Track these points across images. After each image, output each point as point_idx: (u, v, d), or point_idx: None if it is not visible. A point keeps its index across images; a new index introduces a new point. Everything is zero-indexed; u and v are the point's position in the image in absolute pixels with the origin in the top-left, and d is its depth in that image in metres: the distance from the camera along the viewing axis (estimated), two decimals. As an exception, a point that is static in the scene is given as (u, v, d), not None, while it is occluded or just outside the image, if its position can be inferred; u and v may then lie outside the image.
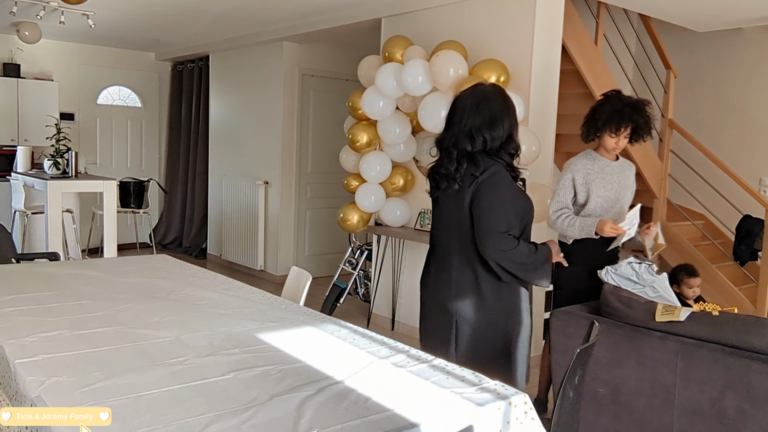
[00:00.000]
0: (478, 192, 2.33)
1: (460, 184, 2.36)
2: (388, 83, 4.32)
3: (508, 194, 2.35)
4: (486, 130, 2.33)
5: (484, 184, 2.33)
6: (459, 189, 2.37)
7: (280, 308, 2.53)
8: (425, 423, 1.53)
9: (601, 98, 3.25)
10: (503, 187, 2.34)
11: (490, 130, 2.33)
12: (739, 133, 5.74)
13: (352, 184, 4.90)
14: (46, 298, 2.53)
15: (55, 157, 5.71)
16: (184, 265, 3.35)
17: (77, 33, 6.71)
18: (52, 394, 1.60)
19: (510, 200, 2.35)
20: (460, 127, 2.37)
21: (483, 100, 2.37)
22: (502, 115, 2.35)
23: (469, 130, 2.34)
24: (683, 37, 5.79)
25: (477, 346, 2.42)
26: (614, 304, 2.79)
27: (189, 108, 7.99)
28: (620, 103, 3.11)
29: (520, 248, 2.31)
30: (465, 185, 2.36)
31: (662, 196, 5.41)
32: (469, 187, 2.34)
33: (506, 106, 2.38)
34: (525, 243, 2.35)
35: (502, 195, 2.33)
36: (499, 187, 2.33)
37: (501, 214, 2.31)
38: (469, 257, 2.39)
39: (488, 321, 2.40)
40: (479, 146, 2.34)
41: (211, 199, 7.63)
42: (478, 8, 4.36)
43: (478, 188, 2.33)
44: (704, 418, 2.44)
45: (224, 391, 1.67)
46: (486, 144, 2.34)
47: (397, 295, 5.04)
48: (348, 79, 6.54)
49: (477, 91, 2.42)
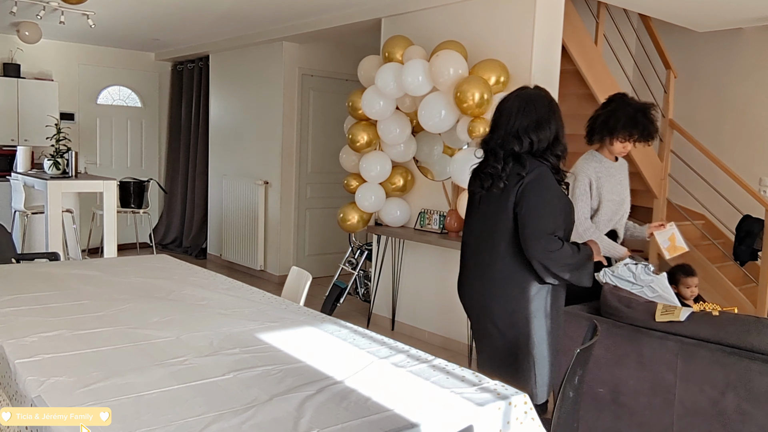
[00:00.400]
0: (524, 193, 2.35)
1: (506, 182, 2.39)
2: (388, 83, 4.32)
3: (554, 196, 2.38)
4: (533, 131, 2.37)
5: (530, 185, 2.35)
6: (504, 188, 2.39)
7: (280, 308, 2.53)
8: (425, 423, 1.53)
9: (608, 102, 3.20)
10: (549, 189, 2.37)
11: (537, 132, 2.37)
12: (739, 133, 5.74)
13: (352, 184, 4.90)
14: (46, 298, 2.53)
15: (55, 157, 5.71)
16: (184, 265, 3.35)
17: (77, 33, 6.71)
18: (52, 394, 1.60)
19: (556, 202, 2.38)
20: (506, 129, 2.41)
21: (529, 102, 2.41)
22: (549, 117, 2.40)
23: (516, 131, 2.38)
24: (683, 37, 5.79)
25: (496, 346, 2.45)
26: (614, 304, 2.79)
27: (189, 108, 7.99)
28: (631, 108, 3.07)
29: (565, 249, 2.34)
30: (510, 185, 2.38)
31: (662, 196, 5.41)
32: (515, 187, 2.37)
33: (552, 108, 2.43)
34: (569, 244, 2.38)
35: (549, 197, 2.36)
36: (545, 189, 2.36)
37: (548, 215, 2.33)
38: (503, 256, 2.40)
39: (511, 322, 2.41)
40: (526, 147, 2.38)
41: (211, 199, 7.63)
42: (478, 8, 4.36)
43: (523, 189, 2.35)
44: (704, 418, 2.44)
45: (224, 391, 1.67)
46: (533, 145, 2.38)
47: (397, 295, 5.04)
48: (348, 79, 6.54)
49: (523, 93, 2.46)
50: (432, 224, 4.68)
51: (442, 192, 4.66)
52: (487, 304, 2.45)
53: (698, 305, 2.75)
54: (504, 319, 2.42)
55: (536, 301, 2.39)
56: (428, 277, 4.79)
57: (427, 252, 4.78)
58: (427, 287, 4.81)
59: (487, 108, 3.88)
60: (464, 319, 4.48)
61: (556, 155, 2.41)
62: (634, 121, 3.05)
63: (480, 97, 3.83)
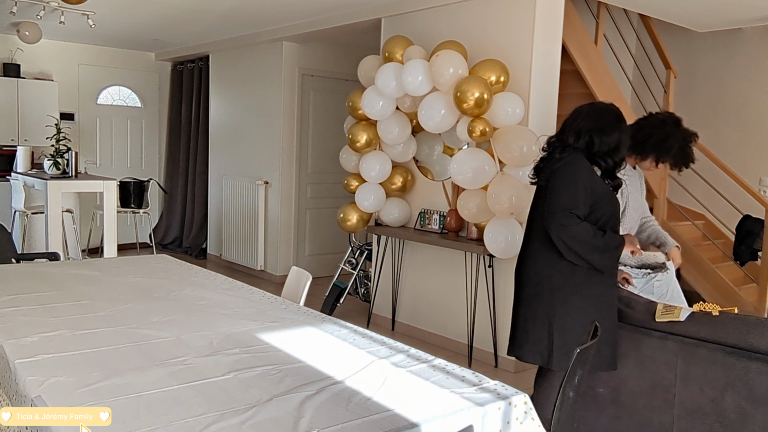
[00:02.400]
0: (551, 175, 2.54)
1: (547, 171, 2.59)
2: (388, 83, 4.32)
3: (579, 181, 2.48)
4: (596, 133, 2.54)
5: (559, 169, 2.52)
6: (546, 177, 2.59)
7: (280, 308, 2.53)
8: (425, 423, 1.53)
9: (662, 123, 3.05)
10: (577, 172, 2.50)
11: (599, 135, 2.54)
12: (739, 133, 5.74)
13: (352, 184, 4.90)
14: (46, 298, 2.53)
15: (55, 157, 5.71)
16: (184, 265, 3.35)
17: (77, 33, 6.71)
18: (52, 394, 1.60)
19: (581, 184, 2.48)
20: (570, 126, 2.59)
21: (599, 110, 2.61)
22: (614, 127, 2.56)
23: (579, 128, 2.56)
24: (683, 37, 5.79)
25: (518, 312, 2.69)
26: (614, 304, 2.79)
27: (189, 108, 7.98)
28: (684, 139, 2.99)
29: (583, 225, 2.44)
30: (548, 172, 2.58)
31: (662, 196, 5.41)
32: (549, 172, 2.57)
33: (620, 121, 2.58)
34: (590, 224, 2.46)
35: (573, 177, 2.49)
36: (570, 173, 2.50)
37: (568, 192, 2.47)
38: (535, 236, 2.63)
39: (535, 292, 2.61)
40: (582, 144, 2.54)
41: (211, 199, 7.63)
42: (478, 8, 4.36)
43: (553, 172, 2.54)
44: (704, 418, 2.44)
45: (224, 391, 1.67)
46: (592, 145, 2.53)
47: (397, 295, 5.04)
48: (348, 79, 6.54)
49: (596, 104, 2.69)
50: (432, 224, 4.68)
51: (442, 192, 4.66)
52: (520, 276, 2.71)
53: (698, 305, 2.74)
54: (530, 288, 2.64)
55: (558, 277, 2.55)
56: (428, 277, 4.79)
57: (427, 252, 4.78)
58: (427, 287, 4.81)
59: (486, 108, 3.88)
60: (464, 319, 4.48)
61: (614, 161, 2.56)
62: (684, 154, 3.02)
63: (480, 97, 3.83)
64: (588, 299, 2.56)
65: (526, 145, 3.83)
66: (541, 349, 2.58)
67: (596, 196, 2.52)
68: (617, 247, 2.51)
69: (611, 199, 2.59)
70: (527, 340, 2.63)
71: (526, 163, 3.86)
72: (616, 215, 2.62)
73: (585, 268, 2.52)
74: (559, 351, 2.54)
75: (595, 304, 2.56)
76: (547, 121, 4.22)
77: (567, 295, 2.54)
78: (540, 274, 2.60)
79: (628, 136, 2.62)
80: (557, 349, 2.54)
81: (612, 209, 2.58)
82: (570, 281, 2.55)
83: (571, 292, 2.54)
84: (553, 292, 2.56)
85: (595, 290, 2.57)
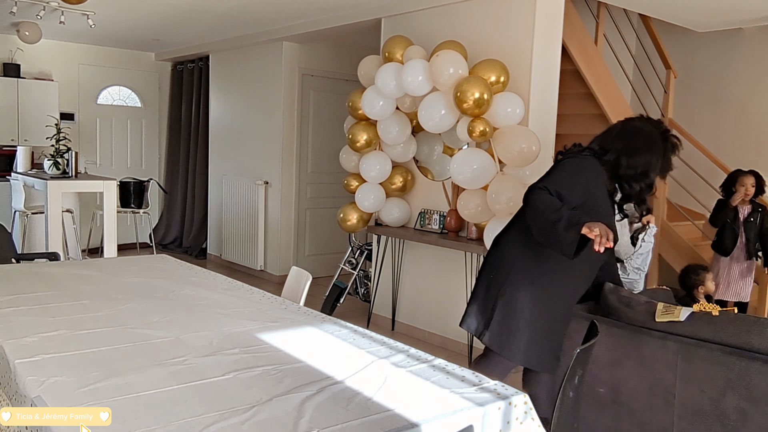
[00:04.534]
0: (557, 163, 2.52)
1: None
2: (388, 83, 4.32)
3: (575, 172, 2.42)
4: (624, 154, 2.47)
5: (567, 159, 2.47)
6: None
7: (280, 308, 2.53)
8: (425, 423, 1.53)
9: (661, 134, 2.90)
10: (585, 170, 2.43)
11: (627, 156, 2.46)
12: (739, 132, 5.74)
13: (352, 184, 4.90)
14: (46, 298, 2.53)
15: (55, 157, 5.71)
16: (184, 265, 3.35)
17: (77, 33, 6.71)
18: (52, 394, 1.60)
19: (574, 177, 2.40)
20: (600, 141, 2.53)
21: (632, 130, 2.53)
22: (646, 149, 2.48)
23: (606, 145, 2.49)
24: (683, 37, 5.79)
25: (476, 286, 2.72)
26: (614, 304, 2.79)
27: (189, 108, 7.98)
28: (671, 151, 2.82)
29: (544, 197, 2.29)
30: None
31: (662, 196, 5.41)
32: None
33: (652, 144, 2.50)
34: (555, 199, 2.28)
35: (569, 169, 2.43)
36: (579, 166, 2.44)
37: (560, 178, 2.39)
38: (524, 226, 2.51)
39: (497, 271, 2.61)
40: (609, 158, 2.46)
41: (211, 199, 7.63)
42: (478, 8, 4.36)
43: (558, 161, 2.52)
44: (704, 418, 2.44)
45: (224, 391, 1.67)
46: (618, 167, 2.46)
47: (397, 295, 5.04)
48: (348, 79, 6.54)
49: (631, 122, 2.61)
50: (432, 224, 4.68)
51: (442, 192, 4.66)
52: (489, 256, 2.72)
53: (698, 305, 2.75)
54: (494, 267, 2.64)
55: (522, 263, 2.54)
56: (428, 277, 4.79)
57: (427, 252, 4.78)
58: (427, 287, 4.81)
59: (486, 108, 3.88)
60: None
61: (640, 187, 2.49)
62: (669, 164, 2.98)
63: (480, 97, 3.82)
64: (541, 294, 2.54)
65: (526, 145, 3.83)
66: (479, 321, 2.61)
67: (592, 202, 2.41)
68: (575, 225, 2.17)
69: (608, 214, 2.49)
70: (473, 310, 2.66)
71: (526, 163, 3.86)
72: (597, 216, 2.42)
73: (552, 264, 2.47)
74: (494, 327, 2.55)
75: (546, 300, 2.55)
76: (547, 121, 4.22)
77: (522, 282, 2.53)
78: (507, 257, 2.60)
79: (662, 159, 2.53)
80: (494, 323, 2.55)
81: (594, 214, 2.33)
82: (531, 270, 2.53)
83: (527, 281, 2.53)
84: (511, 274, 2.55)
85: (551, 287, 2.55)
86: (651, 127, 2.59)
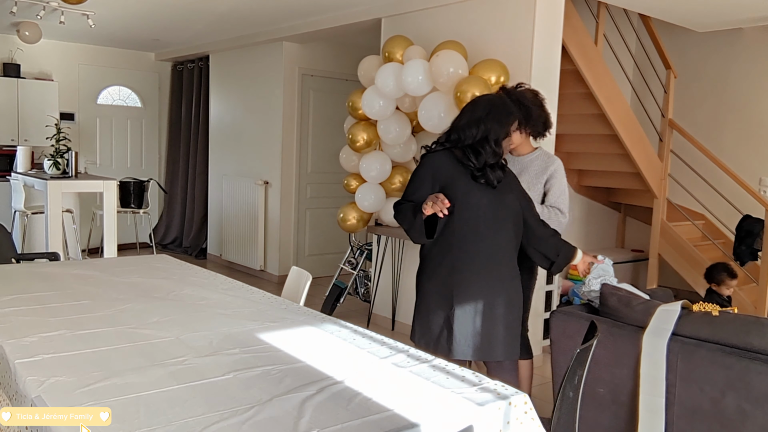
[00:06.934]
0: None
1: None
2: (388, 83, 4.32)
3: (415, 175, 2.64)
4: (456, 131, 2.61)
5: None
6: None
7: (280, 308, 2.53)
8: (425, 423, 1.53)
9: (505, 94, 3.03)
10: (415, 171, 2.66)
11: (460, 131, 2.59)
12: (739, 133, 5.74)
13: (352, 184, 4.90)
14: (46, 298, 2.53)
15: (55, 157, 5.71)
16: (184, 265, 3.35)
17: (77, 33, 6.71)
18: (52, 394, 1.60)
19: (415, 179, 2.62)
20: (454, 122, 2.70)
21: (466, 107, 2.68)
22: (475, 118, 2.58)
23: (448, 132, 2.66)
24: (683, 37, 5.79)
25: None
26: (614, 304, 2.79)
27: (189, 108, 7.99)
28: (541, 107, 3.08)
29: (398, 209, 2.61)
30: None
31: (662, 196, 5.41)
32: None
33: (486, 111, 2.59)
34: (407, 205, 2.58)
35: (413, 175, 2.66)
36: (414, 171, 2.67)
37: (407, 188, 2.66)
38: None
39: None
40: (453, 139, 2.62)
41: (211, 199, 7.63)
42: (478, 8, 4.36)
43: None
44: (704, 418, 2.44)
45: (224, 391, 1.67)
46: (459, 141, 2.59)
47: (397, 295, 5.04)
48: (348, 79, 6.54)
49: (475, 98, 2.76)
50: (432, 224, 4.67)
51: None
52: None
53: (698, 305, 2.74)
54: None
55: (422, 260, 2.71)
56: (428, 277, 4.78)
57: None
58: (427, 287, 4.80)
59: (487, 108, 3.88)
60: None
61: (487, 150, 2.55)
62: (532, 114, 3.06)
63: (480, 97, 3.82)
64: (429, 288, 2.65)
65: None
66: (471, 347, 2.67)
67: (448, 184, 2.54)
68: (414, 212, 2.51)
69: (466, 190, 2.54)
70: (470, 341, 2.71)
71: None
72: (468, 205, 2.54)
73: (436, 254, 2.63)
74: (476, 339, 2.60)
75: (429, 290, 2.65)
76: (547, 121, 4.21)
77: (421, 276, 2.70)
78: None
79: (500, 121, 2.56)
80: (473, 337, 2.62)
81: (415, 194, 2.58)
82: (425, 264, 2.68)
83: (427, 270, 2.67)
84: (420, 273, 2.71)
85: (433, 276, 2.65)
86: (491, 96, 2.72)
